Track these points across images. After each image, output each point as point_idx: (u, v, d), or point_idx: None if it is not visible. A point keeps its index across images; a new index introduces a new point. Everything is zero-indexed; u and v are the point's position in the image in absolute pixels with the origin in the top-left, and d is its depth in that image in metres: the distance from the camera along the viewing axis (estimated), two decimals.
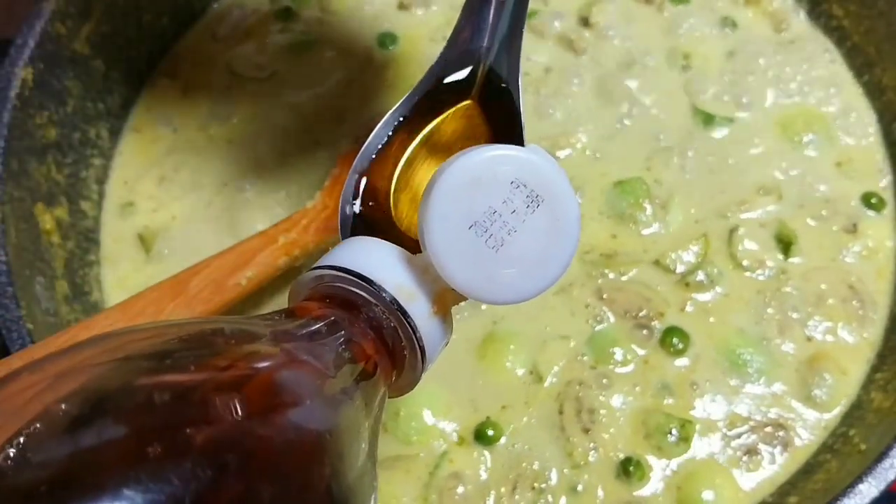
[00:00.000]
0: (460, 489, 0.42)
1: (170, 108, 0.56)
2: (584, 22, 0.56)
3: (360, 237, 0.29)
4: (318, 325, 0.25)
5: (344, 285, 0.26)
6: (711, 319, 0.47)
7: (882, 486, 0.39)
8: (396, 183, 0.32)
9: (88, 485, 0.17)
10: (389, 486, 0.43)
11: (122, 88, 0.55)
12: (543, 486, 0.43)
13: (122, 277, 0.51)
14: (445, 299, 0.27)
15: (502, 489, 0.43)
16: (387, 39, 0.56)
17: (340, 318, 0.26)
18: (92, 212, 0.52)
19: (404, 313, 0.26)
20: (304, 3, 0.58)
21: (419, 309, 0.26)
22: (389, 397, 0.28)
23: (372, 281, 0.26)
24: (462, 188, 0.26)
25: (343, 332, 0.25)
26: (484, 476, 0.43)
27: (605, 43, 0.56)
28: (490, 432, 0.43)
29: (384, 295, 0.26)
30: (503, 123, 0.33)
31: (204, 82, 0.56)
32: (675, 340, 0.46)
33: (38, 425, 0.18)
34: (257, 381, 0.22)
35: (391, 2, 0.58)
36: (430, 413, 0.44)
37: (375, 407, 0.26)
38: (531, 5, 0.56)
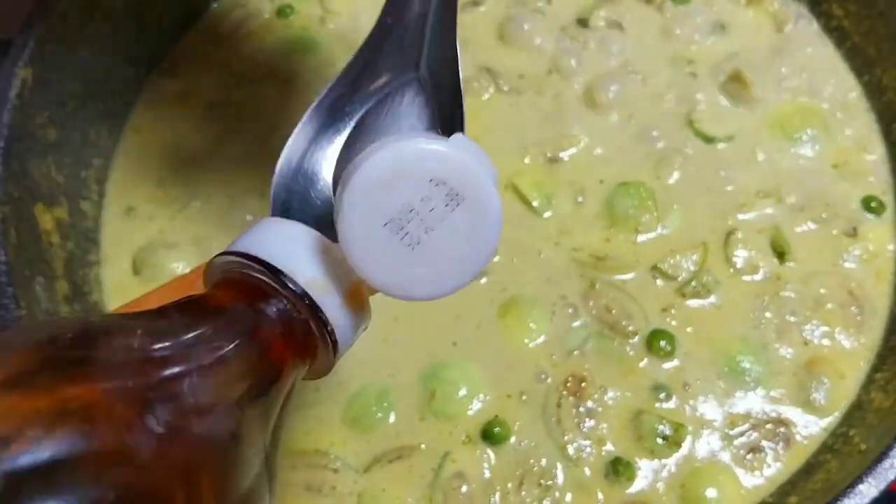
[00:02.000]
0: (464, 488, 0.43)
1: (169, 108, 0.56)
2: (584, 23, 0.57)
3: (275, 220, 0.28)
4: (220, 320, 0.24)
5: (253, 273, 0.25)
6: (710, 323, 0.47)
7: (882, 486, 0.39)
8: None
9: None
10: (393, 487, 0.43)
11: (122, 88, 0.54)
12: (550, 483, 0.43)
13: (122, 278, 0.50)
14: (360, 291, 0.27)
15: (508, 485, 0.43)
16: None
17: (247, 309, 0.25)
18: (92, 212, 0.52)
19: (315, 306, 0.25)
20: (306, 1, 0.58)
21: (332, 301, 0.26)
22: (304, 379, 0.27)
23: (281, 272, 0.25)
24: (379, 184, 0.25)
25: (248, 325, 0.24)
26: (488, 474, 0.43)
27: (606, 44, 0.56)
28: (497, 430, 0.43)
29: (294, 287, 0.25)
30: (446, 113, 0.31)
31: (203, 82, 0.56)
32: (662, 343, 0.46)
33: None
34: (148, 388, 0.21)
35: None
36: (466, 390, 0.45)
37: (279, 400, 0.25)
38: (535, 4, 0.57)
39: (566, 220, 0.50)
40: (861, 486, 0.39)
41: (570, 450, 0.44)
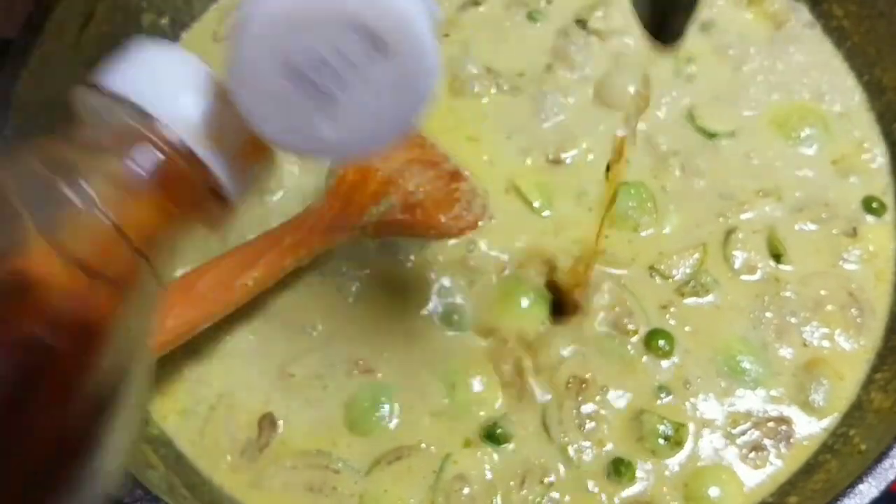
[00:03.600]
0: (466, 490, 0.43)
1: None
2: (583, 24, 0.56)
3: (159, 46, 0.24)
4: (83, 161, 0.21)
5: (124, 113, 0.22)
6: (709, 322, 0.47)
7: (882, 487, 0.39)
8: None
9: None
10: (395, 489, 0.43)
11: None
12: (551, 482, 0.43)
13: None
14: (251, 142, 0.23)
15: (510, 483, 0.43)
16: None
17: (117, 150, 0.21)
18: None
19: (195, 157, 0.22)
20: None
21: (218, 153, 0.22)
22: (207, 233, 0.24)
23: (155, 118, 0.21)
24: (285, 22, 0.21)
25: (118, 169, 0.21)
26: (489, 476, 0.43)
27: (605, 44, 0.56)
28: (499, 431, 0.44)
29: (170, 135, 0.21)
30: None
31: None
32: (660, 342, 0.46)
33: None
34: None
35: None
36: (479, 382, 0.45)
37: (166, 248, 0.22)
38: (533, 5, 0.57)
39: (565, 219, 0.50)
40: (861, 486, 0.39)
41: (571, 451, 0.43)
